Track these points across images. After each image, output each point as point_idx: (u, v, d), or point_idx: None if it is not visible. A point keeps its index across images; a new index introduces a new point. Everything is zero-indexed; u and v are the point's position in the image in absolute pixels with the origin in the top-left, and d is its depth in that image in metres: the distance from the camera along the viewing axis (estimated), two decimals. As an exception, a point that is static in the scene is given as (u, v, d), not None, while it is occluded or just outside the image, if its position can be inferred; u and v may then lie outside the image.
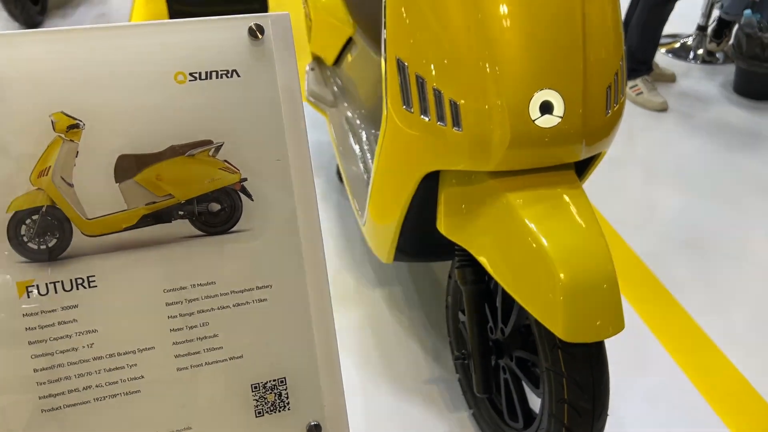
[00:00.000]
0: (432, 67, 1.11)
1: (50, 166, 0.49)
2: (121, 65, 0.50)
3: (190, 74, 0.51)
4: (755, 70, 2.92)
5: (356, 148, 1.78)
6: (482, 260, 1.17)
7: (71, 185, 0.50)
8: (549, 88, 1.08)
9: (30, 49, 0.49)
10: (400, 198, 1.30)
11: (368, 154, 1.74)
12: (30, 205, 0.50)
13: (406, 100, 1.16)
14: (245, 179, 0.53)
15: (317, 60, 2.11)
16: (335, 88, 1.98)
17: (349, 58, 1.88)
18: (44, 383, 0.50)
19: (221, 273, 0.53)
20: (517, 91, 1.07)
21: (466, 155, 1.12)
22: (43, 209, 0.50)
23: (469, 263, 1.28)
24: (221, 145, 0.53)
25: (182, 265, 0.53)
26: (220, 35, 0.52)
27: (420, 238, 1.43)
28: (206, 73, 0.51)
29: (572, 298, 1.04)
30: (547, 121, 1.08)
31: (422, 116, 1.14)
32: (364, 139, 1.79)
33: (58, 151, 0.49)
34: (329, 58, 1.97)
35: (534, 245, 1.08)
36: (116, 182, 0.51)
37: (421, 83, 1.13)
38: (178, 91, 0.51)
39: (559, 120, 1.08)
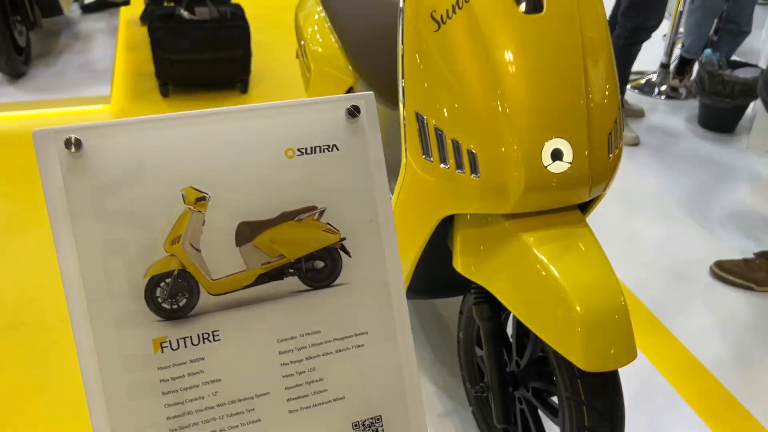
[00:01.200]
0: (450, 120, 1.20)
1: (181, 235, 0.56)
2: (239, 144, 0.57)
3: (298, 150, 0.59)
4: (718, 105, 3.11)
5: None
6: (500, 297, 1.26)
7: (199, 251, 0.57)
8: (558, 137, 1.18)
9: (162, 134, 0.56)
10: (416, 241, 1.38)
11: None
12: (164, 270, 0.56)
13: (426, 151, 1.24)
14: (344, 238, 0.61)
15: (315, 107, 2.20)
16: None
17: (349, 105, 1.97)
18: (176, 429, 0.55)
19: (325, 322, 0.60)
20: (531, 141, 1.17)
21: (484, 199, 1.21)
22: (175, 273, 0.56)
23: (485, 300, 1.36)
24: (324, 210, 0.60)
25: (292, 317, 0.59)
26: (322, 115, 0.59)
27: (431, 276, 1.51)
28: (311, 148, 0.59)
29: (589, 330, 1.13)
30: (557, 167, 1.18)
31: (442, 165, 1.23)
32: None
33: (188, 221, 0.56)
34: (328, 105, 2.06)
35: (550, 281, 1.17)
36: (237, 246, 0.58)
37: (440, 135, 1.22)
38: (288, 165, 0.58)
39: (569, 166, 1.19)
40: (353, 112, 0.60)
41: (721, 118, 3.18)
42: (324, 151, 0.59)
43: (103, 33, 3.96)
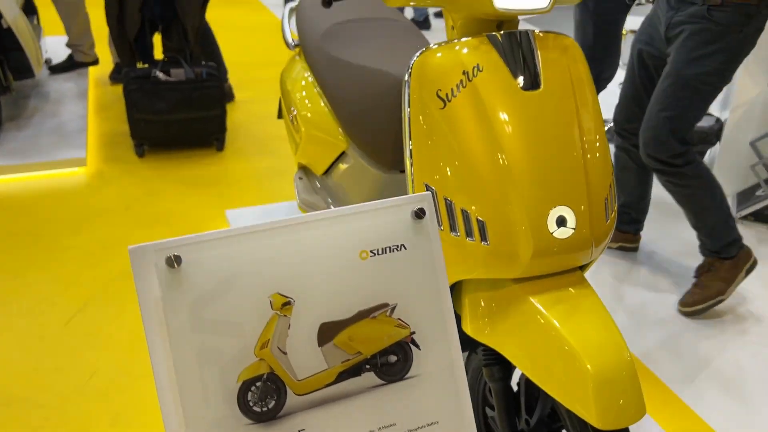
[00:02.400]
0: (460, 192, 1.26)
1: (269, 339, 0.59)
2: (320, 250, 0.61)
3: (371, 251, 0.63)
4: (678, 152, 3.26)
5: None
6: (511, 358, 1.30)
7: (285, 353, 0.60)
8: (562, 205, 1.25)
9: (252, 244, 0.59)
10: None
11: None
12: (255, 374, 0.58)
13: (437, 221, 1.30)
14: (413, 332, 0.64)
15: (304, 169, 2.24)
16: (326, 196, 2.11)
17: (341, 169, 2.01)
18: None
19: (400, 415, 0.63)
20: (537, 209, 1.24)
21: (494, 265, 1.27)
22: (265, 376, 0.59)
23: (496, 361, 1.41)
24: (395, 306, 0.64)
25: (370, 411, 0.62)
26: (391, 218, 0.64)
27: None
28: (382, 249, 0.63)
29: (601, 388, 1.18)
30: (562, 233, 1.25)
31: (452, 233, 1.28)
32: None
33: (275, 326, 0.59)
34: (319, 169, 2.11)
35: (560, 342, 1.22)
36: (319, 346, 0.61)
37: (449, 205, 1.28)
38: (362, 266, 0.63)
39: (573, 231, 1.26)
40: (420, 214, 0.65)
41: (682, 164, 3.34)
42: (393, 251, 0.64)
43: (73, 93, 3.95)
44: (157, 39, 3.55)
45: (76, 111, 3.68)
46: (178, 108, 3.25)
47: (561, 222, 1.25)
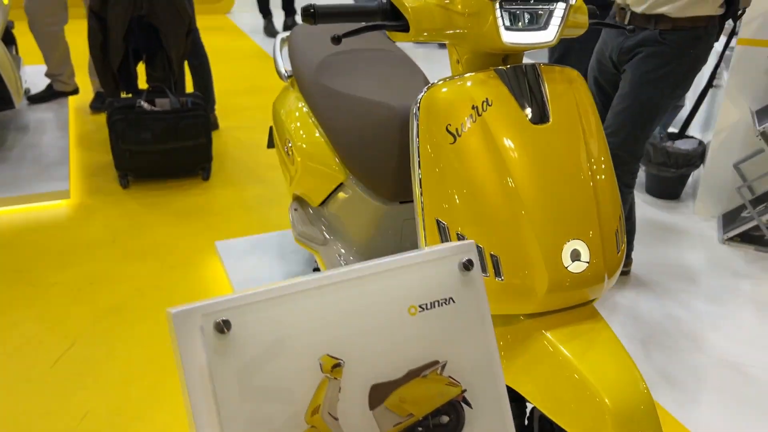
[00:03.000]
0: (472, 227, 1.25)
1: (320, 405, 0.56)
2: (368, 307, 0.59)
3: (420, 306, 0.61)
4: (664, 174, 3.31)
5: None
6: (527, 395, 1.28)
7: (336, 419, 0.57)
8: (576, 239, 1.24)
9: (299, 305, 0.56)
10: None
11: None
12: (306, 443, 0.55)
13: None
14: (465, 390, 0.62)
15: (299, 200, 2.21)
16: (323, 227, 2.08)
17: (339, 200, 1.99)
18: None
19: (453, 476, 0.61)
20: (551, 244, 1.23)
21: (508, 300, 1.25)
22: (316, 444, 0.56)
23: (511, 398, 1.38)
24: (445, 363, 0.61)
25: (424, 474, 0.60)
26: (439, 270, 0.62)
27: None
28: (431, 303, 0.61)
29: (621, 422, 1.17)
30: (577, 267, 1.24)
31: (465, 270, 1.26)
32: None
33: (326, 390, 0.56)
34: (316, 200, 2.08)
35: (578, 378, 1.20)
36: (370, 410, 0.58)
37: (462, 240, 1.26)
38: (412, 322, 0.60)
39: (587, 265, 1.25)
40: (468, 265, 0.62)
41: (667, 186, 3.38)
42: (442, 305, 0.61)
43: (54, 124, 3.88)
44: (140, 68, 3.51)
45: (57, 142, 3.61)
46: (163, 138, 3.21)
47: (575, 256, 1.24)
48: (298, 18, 6.46)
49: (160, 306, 2.40)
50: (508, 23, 1.27)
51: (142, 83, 3.49)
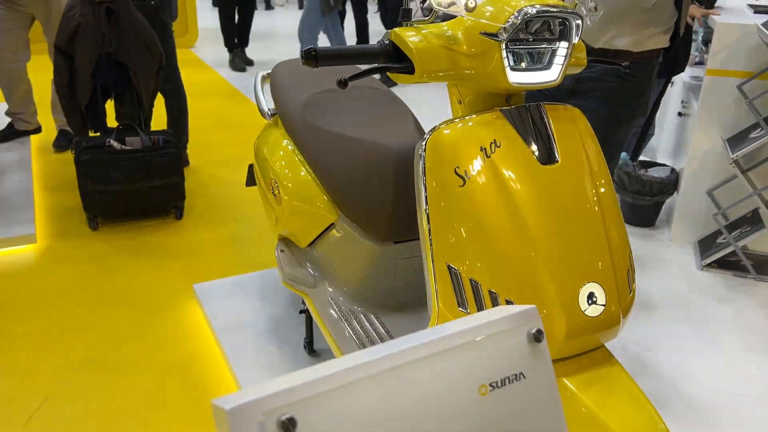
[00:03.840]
0: (486, 272, 1.21)
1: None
2: (437, 389, 0.54)
3: (490, 385, 0.56)
4: (639, 202, 3.35)
5: (353, 330, 1.80)
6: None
7: None
8: (591, 282, 1.22)
9: (364, 393, 0.51)
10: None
11: (374, 337, 1.77)
12: None
13: (462, 303, 1.23)
14: (537, 471, 0.57)
15: (285, 241, 2.15)
16: (312, 269, 2.02)
17: (329, 241, 1.93)
18: None
19: None
20: (567, 287, 1.19)
21: (525, 349, 1.21)
22: None
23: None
24: (518, 444, 0.56)
25: None
26: (507, 344, 0.57)
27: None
28: (501, 380, 0.56)
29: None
30: (594, 311, 1.21)
31: (480, 317, 1.22)
32: (363, 320, 1.83)
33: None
34: (304, 241, 2.02)
35: (599, 426, 1.16)
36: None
37: (475, 286, 1.22)
38: (483, 402, 0.55)
39: (603, 308, 1.22)
40: (538, 337, 0.58)
41: (643, 214, 3.42)
42: (513, 382, 0.57)
43: (16, 164, 3.73)
44: (109, 106, 3.40)
45: (20, 183, 3.47)
46: (135, 177, 3.10)
47: (591, 299, 1.21)
48: (248, 51, 6.42)
49: (137, 356, 2.29)
50: (512, 63, 1.25)
51: (111, 121, 3.38)
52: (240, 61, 6.23)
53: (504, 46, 1.22)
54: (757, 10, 3.20)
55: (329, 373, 0.52)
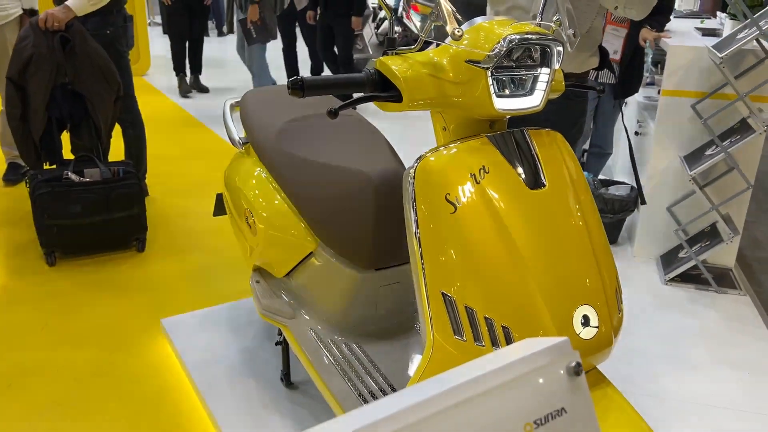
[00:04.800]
0: (480, 299, 1.20)
1: None
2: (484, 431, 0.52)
3: (534, 422, 0.54)
4: (602, 220, 3.41)
5: (335, 360, 1.77)
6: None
7: None
8: (585, 304, 1.22)
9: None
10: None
11: (357, 366, 1.74)
12: None
13: (457, 330, 1.22)
14: None
15: (260, 272, 2.10)
16: (290, 299, 1.98)
17: (308, 270, 1.90)
18: None
19: None
20: (561, 311, 1.20)
21: (522, 375, 1.20)
22: None
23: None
24: (564, 482, 0.55)
25: None
26: (548, 378, 0.56)
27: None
28: (544, 417, 0.55)
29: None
30: (588, 333, 1.22)
31: (476, 343, 1.21)
32: (345, 349, 1.79)
33: None
34: (281, 271, 1.98)
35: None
36: None
37: (471, 313, 1.21)
38: (528, 441, 0.54)
39: (596, 330, 1.22)
40: (577, 370, 0.57)
41: (605, 231, 3.48)
42: (555, 418, 0.56)
43: (-36, 200, 3.57)
44: (64, 137, 3.30)
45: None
46: (94, 210, 3.01)
47: (585, 321, 1.22)
48: (203, 78, 6.36)
49: (105, 397, 2.19)
50: (497, 90, 1.26)
51: (66, 153, 3.28)
52: (186, 86, 6.20)
53: (490, 74, 1.23)
54: (705, 33, 3.34)
55: (365, 425, 0.50)
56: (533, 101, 1.31)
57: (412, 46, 1.29)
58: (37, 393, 2.20)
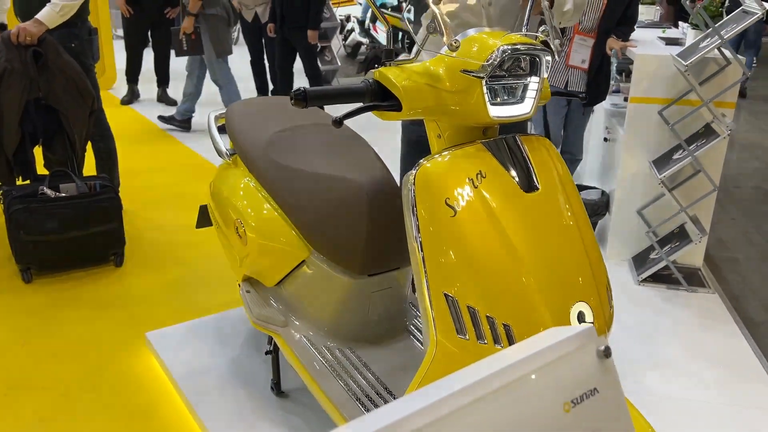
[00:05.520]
0: (482, 298, 1.25)
1: None
2: (526, 414, 0.56)
3: (572, 401, 0.59)
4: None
5: (330, 366, 1.79)
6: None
7: None
8: (580, 301, 1.28)
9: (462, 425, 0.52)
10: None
11: (352, 369, 1.76)
12: None
13: (460, 330, 1.26)
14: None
15: (249, 281, 2.11)
16: (282, 308, 1.99)
17: (300, 278, 1.92)
18: None
19: None
20: (559, 308, 1.25)
21: (523, 370, 1.25)
22: None
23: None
24: (599, 457, 0.59)
25: None
26: (580, 360, 0.61)
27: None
28: (580, 397, 0.59)
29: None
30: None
31: (479, 341, 1.25)
32: (339, 355, 1.82)
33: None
34: (272, 280, 2.00)
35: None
36: None
37: (473, 313, 1.25)
38: (566, 419, 0.58)
39: (591, 325, 1.28)
40: (607, 353, 0.62)
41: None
42: (588, 397, 0.60)
43: (-68, 218, 3.47)
44: (38, 152, 3.26)
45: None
46: (71, 225, 2.97)
47: (581, 318, 1.27)
48: (170, 91, 6.33)
49: (92, 411, 2.17)
50: (491, 98, 1.32)
51: (39, 168, 3.23)
52: (130, 95, 6.26)
53: (485, 83, 1.28)
54: (668, 42, 3.48)
55: (414, 411, 0.53)
56: (524, 108, 1.37)
57: (409, 57, 1.34)
58: (23, 409, 2.17)
